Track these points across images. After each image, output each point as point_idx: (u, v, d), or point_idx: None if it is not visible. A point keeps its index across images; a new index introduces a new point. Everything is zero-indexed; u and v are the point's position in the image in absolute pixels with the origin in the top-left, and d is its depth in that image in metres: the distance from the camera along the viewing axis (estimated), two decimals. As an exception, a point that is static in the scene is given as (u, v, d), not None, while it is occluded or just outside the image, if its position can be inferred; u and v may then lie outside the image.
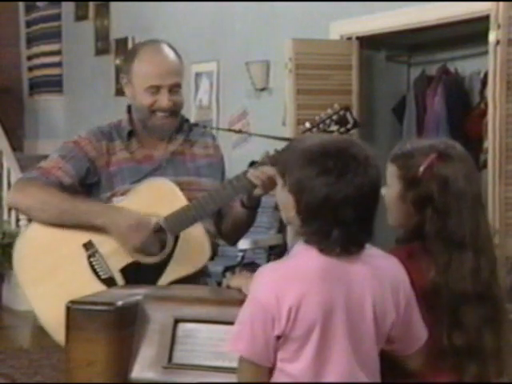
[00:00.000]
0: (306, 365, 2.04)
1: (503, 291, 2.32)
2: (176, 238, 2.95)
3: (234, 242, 3.39)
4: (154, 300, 2.57)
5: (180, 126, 3.17)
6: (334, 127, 2.92)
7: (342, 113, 2.93)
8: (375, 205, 2.08)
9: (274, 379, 2.08)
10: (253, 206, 3.06)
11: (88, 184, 3.07)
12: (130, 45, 7.07)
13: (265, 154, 2.97)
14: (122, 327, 2.47)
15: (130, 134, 3.13)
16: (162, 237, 2.95)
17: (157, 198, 3.00)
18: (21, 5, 8.59)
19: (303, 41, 5.10)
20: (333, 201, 2.01)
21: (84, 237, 2.98)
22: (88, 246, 2.98)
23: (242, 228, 3.24)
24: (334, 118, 2.93)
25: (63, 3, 8.10)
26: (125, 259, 2.96)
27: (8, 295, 7.17)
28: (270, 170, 2.84)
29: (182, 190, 2.99)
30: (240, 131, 3.47)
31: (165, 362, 2.44)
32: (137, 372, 2.46)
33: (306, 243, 2.09)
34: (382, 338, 2.10)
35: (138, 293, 2.63)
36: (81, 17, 7.82)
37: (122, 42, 7.16)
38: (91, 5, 7.64)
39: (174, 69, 3.09)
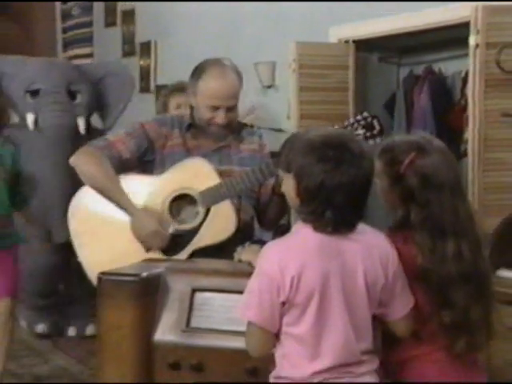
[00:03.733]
0: (307, 327, 2.05)
1: (488, 266, 2.29)
2: (207, 211, 2.97)
3: (270, 227, 3.38)
4: (174, 272, 2.58)
5: (231, 132, 3.21)
6: (360, 131, 2.92)
7: (369, 120, 2.94)
8: (366, 193, 2.10)
9: (281, 342, 2.09)
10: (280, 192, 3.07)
11: (145, 161, 3.14)
12: (152, 47, 7.06)
13: None
14: (146, 295, 2.48)
15: (189, 126, 3.19)
16: (196, 208, 2.99)
17: (194, 174, 3.03)
18: (58, 14, 8.56)
19: (305, 44, 5.08)
20: (328, 186, 2.03)
21: None
22: None
23: (276, 214, 3.25)
24: (362, 123, 2.93)
25: (94, 12, 8.08)
26: None
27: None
28: None
29: (223, 176, 3.02)
30: (280, 130, 3.58)
31: (183, 326, 2.46)
32: (159, 335, 2.47)
33: (303, 222, 2.11)
34: (374, 301, 2.11)
35: (160, 266, 2.64)
36: (110, 23, 7.80)
37: (145, 45, 7.14)
38: (119, 13, 7.62)
39: (233, 92, 3.14)
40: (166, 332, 2.46)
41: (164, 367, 2.44)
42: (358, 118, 2.96)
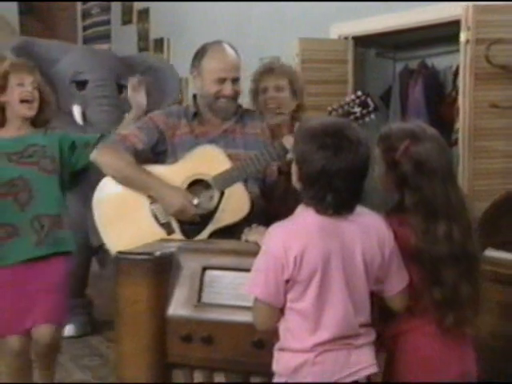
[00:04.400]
0: (309, 303, 2.05)
1: (478, 248, 2.27)
2: (221, 194, 2.97)
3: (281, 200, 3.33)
4: (185, 251, 2.58)
5: (235, 111, 3.20)
6: (356, 109, 2.91)
7: (363, 98, 2.93)
8: (364, 178, 2.09)
9: (285, 316, 2.10)
10: (288, 171, 3.05)
11: (157, 152, 3.12)
12: (165, 44, 7.05)
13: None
14: (160, 273, 2.49)
15: (195, 115, 3.17)
16: (211, 192, 2.98)
17: (206, 160, 3.01)
18: (78, 13, 8.55)
19: (308, 39, 5.06)
20: (328, 172, 2.02)
21: None
22: (151, 197, 3.02)
23: (282, 193, 3.20)
24: (357, 101, 2.92)
25: (112, 11, 8.06)
26: None
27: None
28: None
29: (230, 159, 3.01)
30: (281, 113, 3.54)
31: (195, 302, 2.46)
32: (172, 310, 2.47)
33: (305, 205, 2.10)
34: (371, 278, 2.11)
35: (173, 246, 2.63)
36: (126, 21, 7.78)
37: (159, 42, 7.14)
38: (134, 12, 7.60)
39: (236, 65, 3.15)
40: (178, 307, 2.46)
41: (176, 339, 2.44)
42: (353, 97, 2.94)
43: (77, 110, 4.79)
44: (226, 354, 2.39)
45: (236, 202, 2.96)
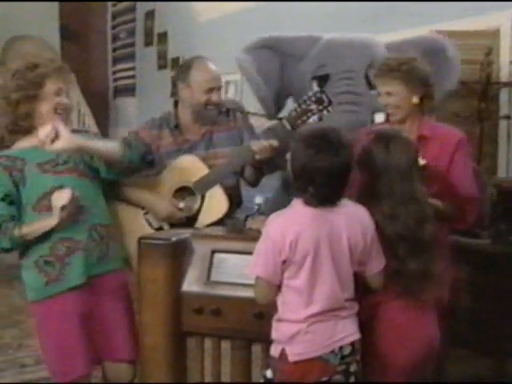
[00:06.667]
0: (303, 281, 2.04)
1: (431, 234, 2.22)
2: (203, 197, 2.89)
3: (254, 185, 3.23)
4: (197, 237, 2.57)
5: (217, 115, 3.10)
6: (313, 106, 2.73)
7: (318, 95, 2.75)
8: (345, 176, 2.07)
9: (283, 292, 2.10)
10: (258, 166, 2.99)
11: (146, 162, 2.98)
12: (181, 61, 7.01)
13: (273, 124, 2.89)
14: (176, 256, 2.46)
15: (176, 126, 3.07)
16: (194, 196, 2.90)
17: (185, 169, 2.93)
18: (109, 37, 8.57)
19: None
20: (309, 168, 2.03)
21: None
22: (144, 208, 2.97)
23: (256, 179, 3.14)
24: (313, 98, 2.74)
25: (136, 35, 8.04)
26: None
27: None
28: (265, 142, 2.78)
29: (211, 159, 2.94)
30: (255, 113, 3.35)
31: (205, 280, 2.44)
32: (185, 286, 2.45)
33: (296, 197, 2.11)
34: (355, 260, 2.10)
35: (186, 232, 2.61)
36: (148, 43, 7.76)
37: (175, 60, 7.09)
38: (155, 35, 7.59)
39: (219, 75, 3.04)
40: (191, 284, 2.44)
41: (190, 312, 2.42)
42: (310, 94, 2.77)
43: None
44: (231, 324, 2.37)
45: (215, 204, 2.89)
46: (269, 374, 2.17)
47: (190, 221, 2.90)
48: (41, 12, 7.73)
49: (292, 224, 2.06)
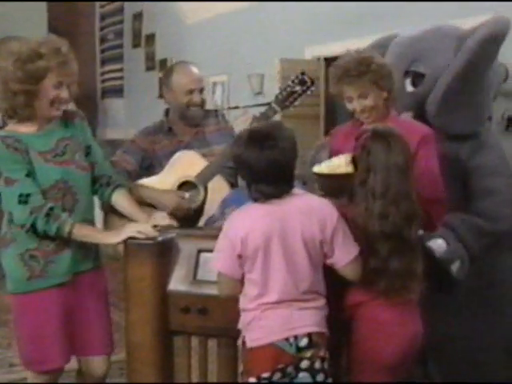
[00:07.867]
0: (257, 275, 2.11)
1: (414, 233, 2.21)
2: (206, 189, 2.98)
3: None
4: (183, 236, 2.57)
5: (203, 115, 3.21)
6: (297, 88, 2.93)
7: (300, 76, 2.94)
8: (282, 170, 2.10)
9: (244, 285, 2.16)
10: None
11: (146, 167, 3.10)
12: (168, 63, 7.01)
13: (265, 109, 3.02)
14: (162, 255, 2.47)
15: (169, 129, 3.17)
16: (197, 189, 2.99)
17: (186, 164, 3.01)
18: (97, 39, 8.54)
19: (287, 60, 5.02)
20: (242, 166, 2.13)
21: None
22: (150, 205, 2.99)
23: None
24: (296, 81, 2.93)
25: (124, 36, 8.02)
26: None
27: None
28: None
29: (205, 156, 3.03)
30: (236, 107, 3.58)
31: (191, 279, 2.46)
32: (172, 285, 2.46)
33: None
34: (315, 255, 2.12)
35: (172, 232, 2.61)
36: (136, 45, 7.74)
37: (163, 62, 7.07)
38: (143, 36, 7.57)
39: (200, 78, 3.17)
40: (177, 283, 2.44)
41: (176, 310, 2.43)
42: (292, 77, 2.97)
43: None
44: (217, 322, 2.38)
45: (219, 192, 2.95)
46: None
47: (197, 213, 2.97)
48: (29, 13, 7.70)
49: (243, 221, 2.13)
